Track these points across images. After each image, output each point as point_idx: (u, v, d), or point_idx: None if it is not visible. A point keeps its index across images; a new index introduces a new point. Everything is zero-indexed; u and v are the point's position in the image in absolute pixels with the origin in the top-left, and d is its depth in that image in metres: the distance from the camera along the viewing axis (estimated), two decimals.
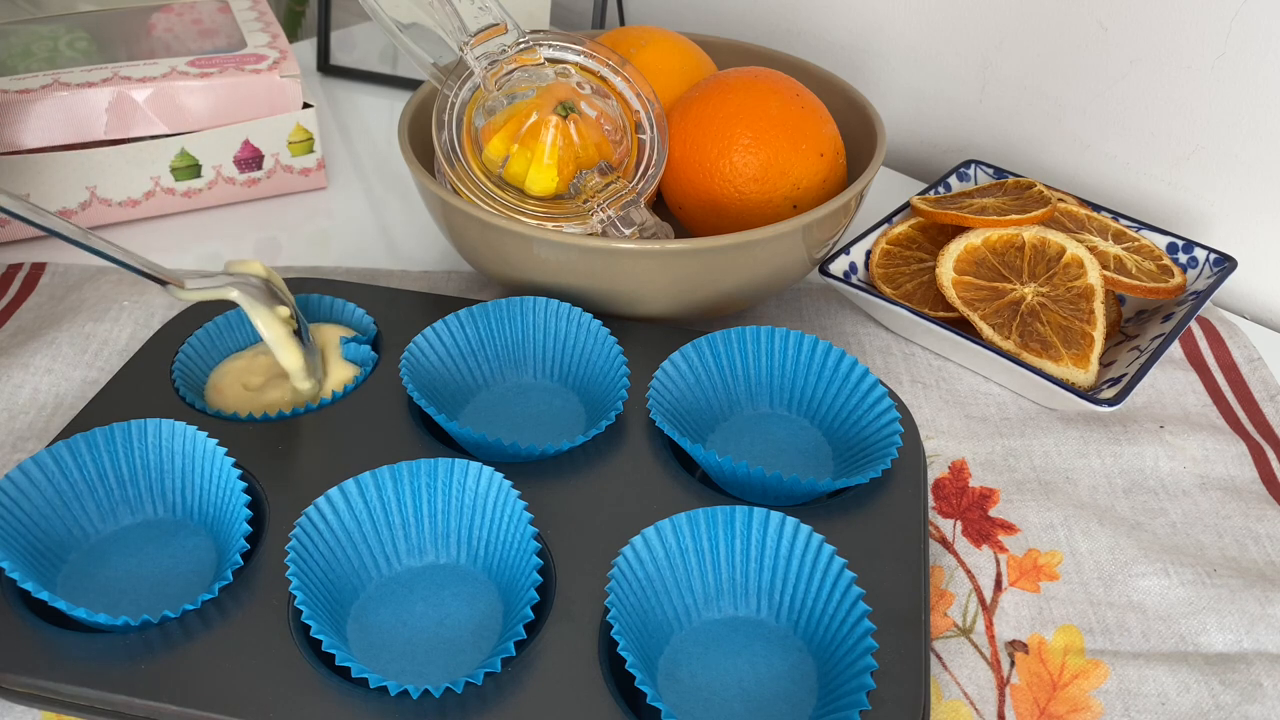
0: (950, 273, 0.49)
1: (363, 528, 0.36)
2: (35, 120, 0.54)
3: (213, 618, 0.34)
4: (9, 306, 0.53)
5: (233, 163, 0.60)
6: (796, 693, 0.33)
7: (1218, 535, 0.42)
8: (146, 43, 0.62)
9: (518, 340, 0.45)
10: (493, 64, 0.48)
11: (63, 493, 0.37)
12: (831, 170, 0.50)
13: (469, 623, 0.35)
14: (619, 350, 0.43)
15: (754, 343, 0.43)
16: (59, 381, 0.47)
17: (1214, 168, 0.58)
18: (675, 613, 0.35)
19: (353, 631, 0.34)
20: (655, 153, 0.50)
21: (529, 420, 0.43)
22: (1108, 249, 0.52)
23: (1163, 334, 0.48)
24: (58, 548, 0.37)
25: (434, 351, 0.43)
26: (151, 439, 0.38)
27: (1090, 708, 0.36)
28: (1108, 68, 0.60)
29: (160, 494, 0.38)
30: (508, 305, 0.45)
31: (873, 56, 0.71)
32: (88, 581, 0.36)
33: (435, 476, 0.36)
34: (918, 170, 0.72)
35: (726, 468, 0.38)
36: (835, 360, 0.42)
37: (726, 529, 0.35)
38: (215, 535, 0.37)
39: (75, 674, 0.32)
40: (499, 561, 0.36)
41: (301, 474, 0.39)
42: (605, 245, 0.43)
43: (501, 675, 0.32)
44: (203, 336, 0.45)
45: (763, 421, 0.43)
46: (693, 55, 0.56)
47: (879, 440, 0.40)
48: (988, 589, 0.40)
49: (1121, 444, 0.46)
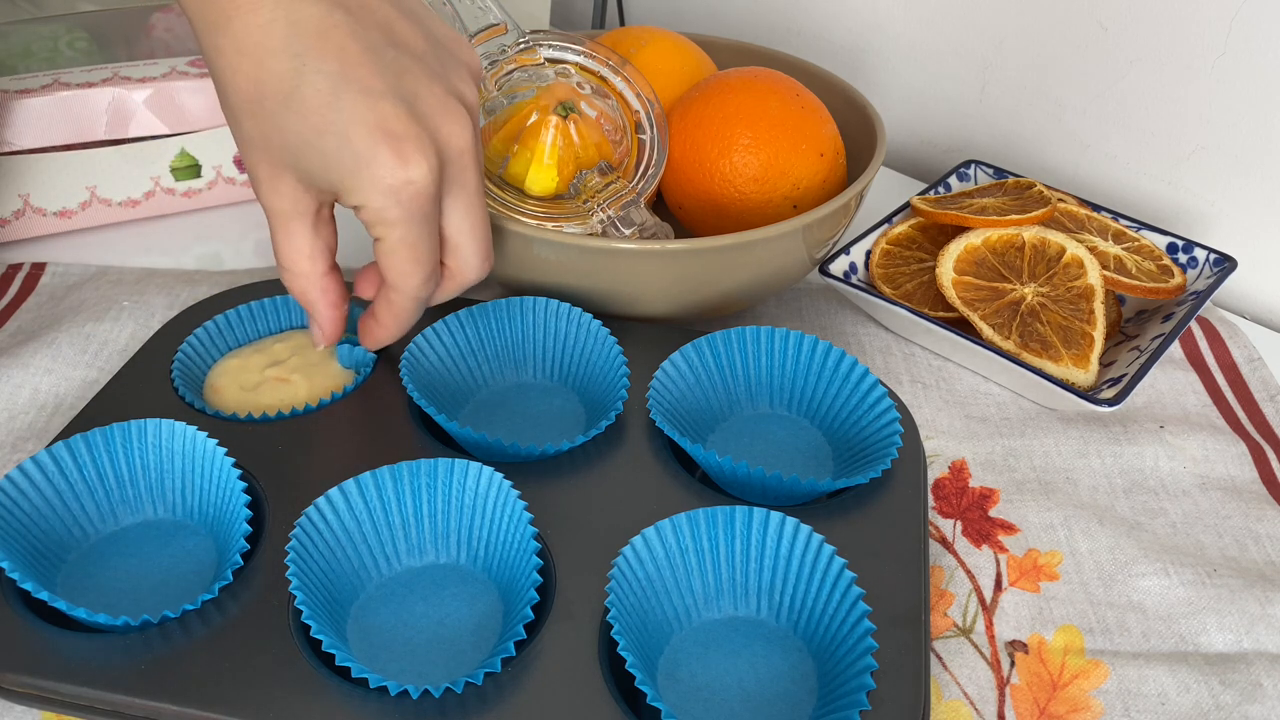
0: (950, 273, 0.49)
1: (363, 528, 0.36)
2: (35, 120, 0.54)
3: (213, 618, 0.34)
4: (9, 306, 0.53)
5: (233, 163, 0.60)
6: (796, 693, 0.33)
7: (1218, 535, 0.42)
8: (146, 43, 0.62)
9: (517, 340, 0.45)
10: (493, 64, 0.48)
11: (62, 493, 0.37)
12: (831, 170, 0.50)
13: (469, 623, 0.35)
14: (619, 350, 0.43)
15: (754, 343, 0.43)
16: (59, 382, 0.47)
17: (1214, 168, 0.58)
18: (675, 613, 0.35)
19: (353, 631, 0.34)
20: (655, 153, 0.50)
21: (529, 420, 0.43)
22: (1108, 249, 0.52)
23: (1163, 334, 0.48)
24: (57, 548, 0.37)
25: (433, 351, 0.43)
26: (151, 439, 0.38)
27: (1090, 708, 0.36)
28: (1108, 68, 0.60)
29: (160, 494, 0.38)
30: (507, 305, 0.45)
31: (873, 56, 0.71)
32: (87, 581, 0.36)
33: (435, 476, 0.36)
34: (918, 170, 0.72)
35: (726, 468, 0.38)
36: (835, 360, 0.42)
37: (726, 529, 0.35)
38: (215, 535, 0.37)
39: (75, 674, 0.32)
40: (499, 561, 0.36)
41: (301, 474, 0.39)
42: (605, 245, 0.43)
43: (501, 675, 0.32)
44: (201, 336, 0.45)
45: (763, 421, 0.43)
46: (693, 55, 0.56)
47: (879, 440, 0.40)
48: (988, 589, 0.40)
49: (1121, 444, 0.46)
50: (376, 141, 0.34)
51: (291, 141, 0.35)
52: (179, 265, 0.57)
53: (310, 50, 0.34)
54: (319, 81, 0.34)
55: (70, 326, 0.50)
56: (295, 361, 0.44)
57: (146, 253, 0.58)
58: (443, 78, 0.37)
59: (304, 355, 0.45)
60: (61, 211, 0.57)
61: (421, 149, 0.34)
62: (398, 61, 0.35)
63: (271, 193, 0.36)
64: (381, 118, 0.34)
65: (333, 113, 0.34)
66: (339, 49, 0.34)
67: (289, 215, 0.37)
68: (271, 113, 0.34)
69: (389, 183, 0.34)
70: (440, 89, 0.36)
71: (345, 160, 0.34)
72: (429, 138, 0.35)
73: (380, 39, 0.35)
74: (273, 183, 0.36)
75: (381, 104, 0.34)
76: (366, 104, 0.34)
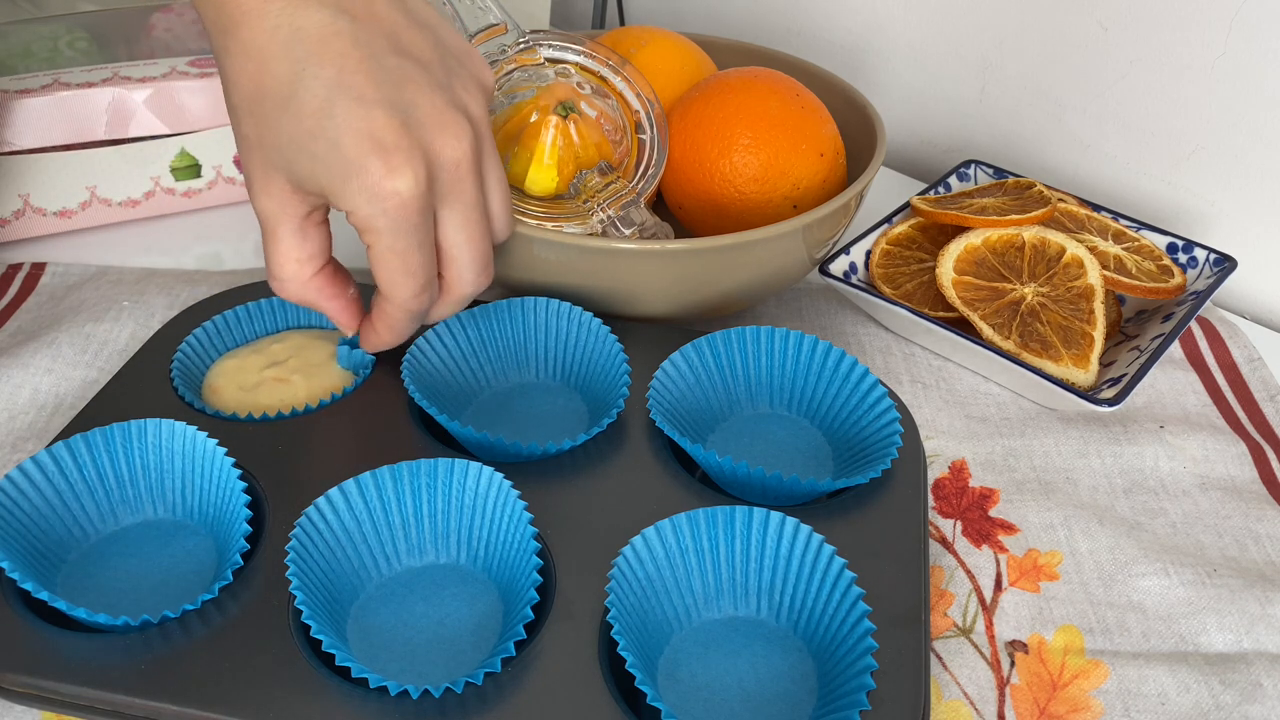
0: (950, 273, 0.49)
1: (363, 528, 0.36)
2: (35, 120, 0.54)
3: (213, 618, 0.34)
4: (9, 306, 0.53)
5: (233, 163, 0.60)
6: (796, 693, 0.33)
7: (1218, 535, 0.42)
8: (146, 43, 0.62)
9: (520, 340, 0.45)
10: (493, 64, 0.48)
11: (62, 493, 0.37)
12: (831, 170, 0.50)
13: (469, 623, 0.35)
14: (620, 349, 0.43)
15: (754, 343, 0.43)
16: (59, 382, 0.47)
17: (1214, 168, 0.58)
18: (675, 613, 0.35)
19: (353, 631, 0.34)
20: (655, 153, 0.50)
21: (532, 420, 0.43)
22: (1108, 249, 0.52)
23: (1163, 334, 0.48)
24: (58, 548, 0.37)
25: (435, 354, 0.43)
26: (151, 439, 0.38)
27: (1090, 708, 0.36)
28: (1108, 68, 0.60)
29: (160, 494, 0.38)
30: (508, 306, 0.45)
31: (873, 56, 0.71)
32: (87, 581, 0.36)
33: (435, 476, 0.36)
34: (918, 170, 0.72)
35: (726, 468, 0.38)
36: (835, 360, 0.42)
37: (726, 529, 0.35)
38: (215, 535, 0.37)
39: (75, 674, 0.32)
40: (499, 561, 0.36)
41: (301, 474, 0.39)
42: (605, 245, 0.43)
43: (501, 675, 0.32)
44: (200, 336, 0.45)
45: (763, 421, 0.43)
46: (693, 55, 0.56)
47: (879, 440, 0.40)
48: (988, 589, 0.40)
49: (1121, 444, 0.46)
50: (366, 150, 0.34)
51: (285, 144, 0.35)
52: (179, 265, 0.57)
53: (310, 56, 0.34)
54: (315, 87, 0.34)
55: (70, 326, 0.50)
56: (294, 362, 0.44)
57: (146, 253, 0.58)
58: (446, 88, 0.36)
59: (303, 356, 0.44)
60: (61, 211, 0.57)
61: (410, 160, 0.34)
62: (400, 70, 0.35)
63: (262, 193, 0.36)
64: (373, 126, 0.34)
65: (326, 119, 0.34)
66: (339, 56, 0.34)
67: (277, 218, 0.37)
68: (269, 114, 0.34)
69: (375, 192, 0.34)
70: (441, 99, 0.36)
71: (334, 166, 0.34)
72: (420, 149, 0.35)
73: (384, 46, 0.35)
74: (264, 183, 0.36)
75: (375, 112, 0.34)
76: (360, 112, 0.34)
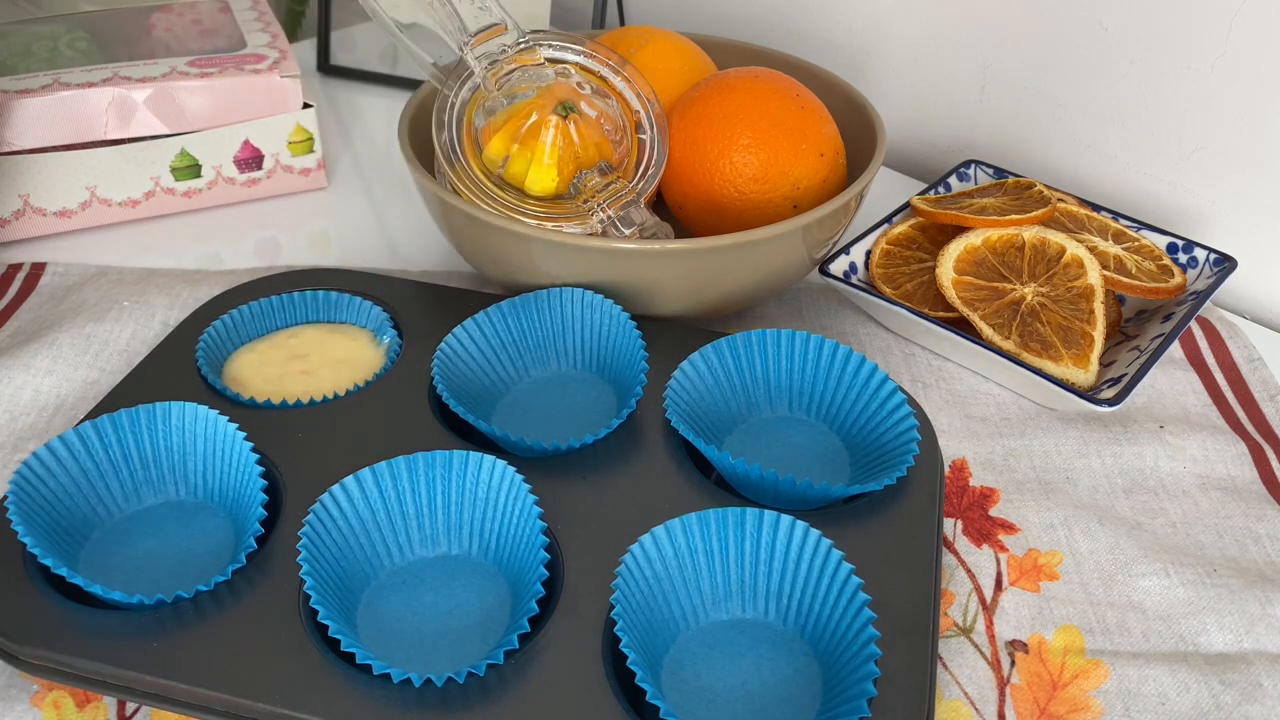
0: (950, 273, 0.49)
1: (376, 516, 0.36)
2: (35, 120, 0.54)
3: (225, 599, 0.34)
4: (9, 306, 0.53)
5: (233, 163, 0.60)
6: (800, 696, 0.33)
7: (1218, 535, 0.42)
8: (146, 43, 0.62)
9: (556, 331, 0.45)
10: (493, 64, 0.48)
11: (88, 471, 0.38)
12: (831, 170, 0.50)
13: (477, 614, 0.35)
14: (642, 345, 0.43)
15: (774, 346, 0.43)
16: (60, 382, 0.47)
17: (1214, 168, 0.58)
18: (682, 612, 0.35)
19: (363, 618, 0.35)
20: (655, 153, 0.50)
21: (564, 412, 0.43)
22: (1108, 249, 0.52)
23: (1163, 334, 0.48)
24: (82, 525, 0.37)
25: (464, 349, 0.44)
26: (175, 422, 0.39)
27: (1090, 708, 0.36)
28: (1108, 68, 0.60)
29: (183, 476, 0.39)
30: (534, 299, 0.45)
31: (873, 56, 0.71)
32: (109, 559, 0.37)
33: (449, 468, 0.37)
34: (918, 170, 0.72)
35: (740, 470, 0.38)
36: (855, 366, 0.42)
37: (736, 531, 0.35)
38: (234, 518, 0.38)
39: (89, 649, 0.33)
40: (509, 554, 0.36)
41: (319, 462, 0.40)
42: (605, 245, 0.43)
43: (504, 667, 0.33)
44: (218, 329, 0.46)
45: (781, 425, 0.43)
46: (693, 55, 0.56)
47: (896, 447, 0.40)
48: (988, 588, 0.40)
49: (1121, 444, 0.46)
50: None
51: None
52: (179, 265, 0.57)
53: None
54: None
55: (71, 327, 0.50)
56: (318, 356, 0.45)
57: (146, 253, 0.58)
58: None
59: (325, 350, 0.45)
60: (61, 211, 0.57)
61: None
62: None
63: None
64: None
65: None
66: None
67: None
68: None
69: None
70: None
71: None
72: None
73: None
74: None
75: None
76: None
